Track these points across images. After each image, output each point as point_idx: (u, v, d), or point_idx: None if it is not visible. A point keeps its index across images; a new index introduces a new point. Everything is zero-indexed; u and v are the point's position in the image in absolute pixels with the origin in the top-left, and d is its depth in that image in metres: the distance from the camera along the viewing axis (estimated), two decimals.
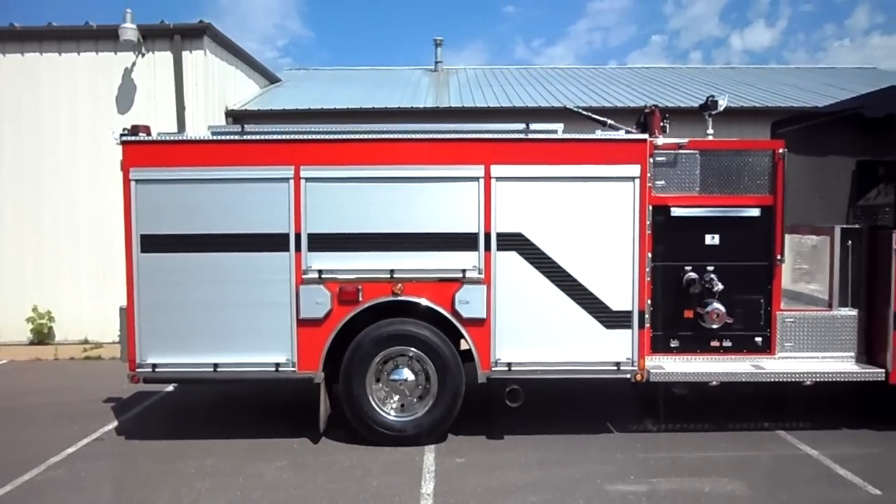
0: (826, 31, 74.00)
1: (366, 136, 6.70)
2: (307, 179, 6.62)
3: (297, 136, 6.67)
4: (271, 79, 17.03)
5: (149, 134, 6.78)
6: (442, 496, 5.61)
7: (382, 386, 6.81)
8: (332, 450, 6.69)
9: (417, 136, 6.72)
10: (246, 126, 6.76)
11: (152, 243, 6.67)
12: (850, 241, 7.13)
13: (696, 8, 77.01)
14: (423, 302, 6.69)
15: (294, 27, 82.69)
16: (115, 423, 7.62)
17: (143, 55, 12.40)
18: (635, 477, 6.00)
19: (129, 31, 12.01)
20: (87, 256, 12.12)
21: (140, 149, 6.67)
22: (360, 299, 6.65)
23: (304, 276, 6.62)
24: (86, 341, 12.08)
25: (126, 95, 12.37)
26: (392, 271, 6.64)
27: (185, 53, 12.42)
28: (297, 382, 6.75)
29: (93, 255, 12.06)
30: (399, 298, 6.67)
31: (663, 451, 6.61)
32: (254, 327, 6.67)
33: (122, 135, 6.71)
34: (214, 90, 13.14)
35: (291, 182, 6.61)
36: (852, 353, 7.09)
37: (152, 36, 12.40)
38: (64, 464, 6.46)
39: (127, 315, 6.72)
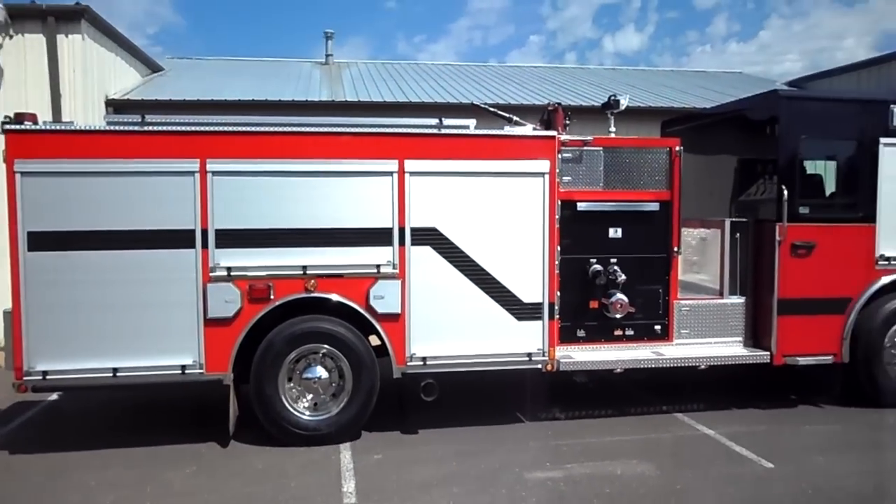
0: (689, 37, 78.84)
1: (277, 129, 6.51)
2: (214, 173, 6.34)
3: (202, 128, 6.39)
4: (153, 67, 16.20)
5: (35, 122, 6.28)
6: (364, 493, 5.55)
7: (295, 385, 6.65)
8: (243, 453, 6.46)
9: (330, 129, 6.60)
10: (147, 116, 6.39)
11: (41, 241, 6.17)
12: (737, 234, 7.64)
13: (571, 10, 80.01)
14: (337, 298, 6.58)
15: (165, 14, 78.83)
16: None
17: (12, 37, 11.46)
18: (551, 464, 6.18)
19: None
20: None
21: (26, 139, 6.16)
22: (272, 297, 6.46)
23: (211, 274, 6.35)
24: None
25: None
26: (305, 268, 6.49)
27: (60, 37, 11.58)
28: (203, 385, 6.48)
29: None
30: (312, 295, 6.53)
31: (574, 438, 6.84)
32: (157, 328, 6.32)
33: (3, 123, 6.17)
34: (93, 78, 12.35)
35: (197, 176, 6.31)
36: (741, 338, 7.62)
37: (22, 17, 11.50)
38: None
39: (13, 319, 6.19)
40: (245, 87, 14.78)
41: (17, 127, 6.16)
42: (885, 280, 7.59)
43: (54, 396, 8.25)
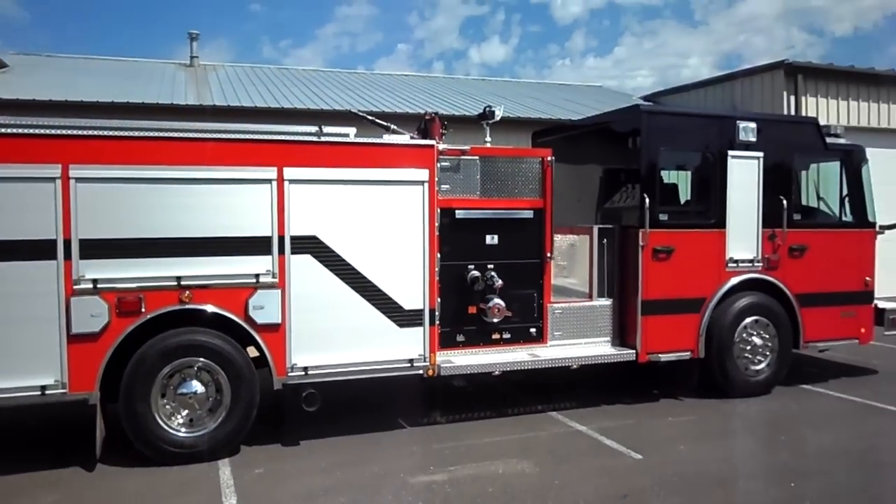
0: (551, 50, 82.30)
1: (149, 134, 6.23)
2: (77, 179, 5.96)
3: (65, 132, 5.99)
4: None
5: None
6: None
7: (169, 401, 6.35)
8: (112, 476, 6.10)
9: (207, 135, 6.40)
10: (0, 118, 5.92)
11: None
12: (604, 240, 8.09)
13: (438, 21, 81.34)
14: (214, 309, 6.37)
15: (4, 5, 72.83)
16: None
17: None
18: (434, 467, 6.27)
19: None
20: None
21: None
22: (143, 310, 6.15)
23: (75, 287, 5.96)
24: None
25: None
26: (179, 278, 6.23)
27: None
28: (66, 406, 6.08)
29: None
30: (187, 307, 6.29)
31: (455, 441, 6.97)
32: (12, 346, 5.86)
33: None
34: None
35: (58, 182, 5.91)
36: (609, 338, 8.07)
37: None
38: None
39: None
40: (103, 88, 13.94)
41: None
42: (734, 281, 8.29)
43: None
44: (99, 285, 6.02)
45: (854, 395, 8.53)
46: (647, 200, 7.83)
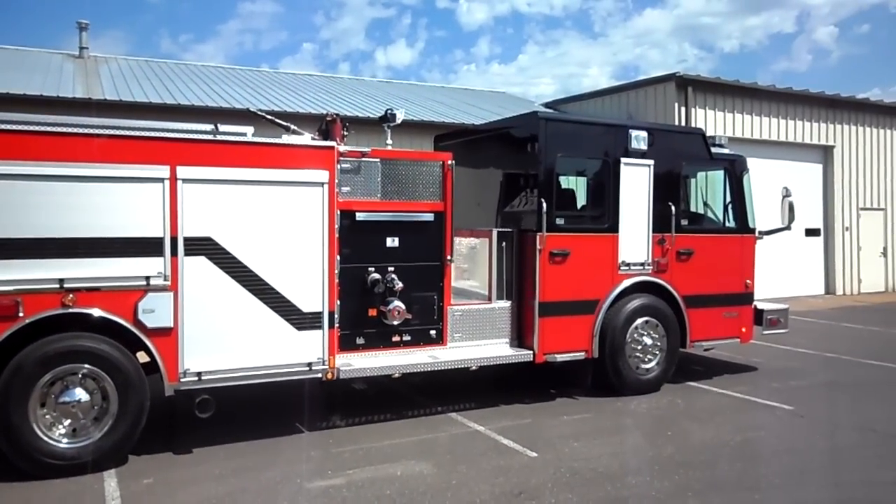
0: (456, 55, 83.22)
1: (31, 129, 5.89)
2: None
3: None
4: None
5: None
6: None
7: (49, 411, 6.00)
8: None
9: (94, 130, 6.11)
10: None
11: None
12: (504, 243, 8.25)
13: (345, 21, 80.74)
14: (100, 313, 6.08)
15: None
16: None
17: None
18: (332, 471, 6.21)
19: None
20: None
21: None
22: (21, 314, 5.81)
23: None
24: None
25: None
26: (62, 280, 5.92)
27: None
28: None
29: None
30: (71, 311, 5.98)
31: (354, 444, 6.93)
32: None
33: None
34: None
35: None
36: (507, 339, 8.23)
37: None
38: None
39: None
40: None
41: None
42: (626, 283, 8.64)
43: None
44: None
45: (735, 391, 9.03)
46: (545, 205, 8.04)
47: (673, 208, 8.85)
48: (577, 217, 8.80)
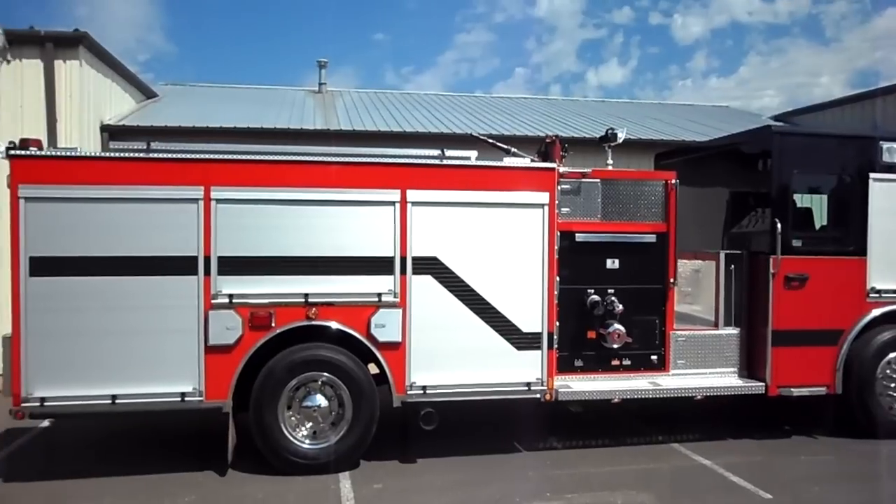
0: (671, 71, 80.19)
1: (281, 158, 6.59)
2: (218, 200, 6.38)
3: (207, 156, 6.44)
4: (147, 93, 16.24)
5: (40, 148, 6.30)
6: None
7: (294, 413, 6.63)
8: (241, 482, 6.42)
9: (335, 158, 6.69)
10: (152, 143, 6.44)
11: (43, 266, 6.16)
12: (732, 266, 7.75)
13: (556, 45, 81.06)
14: (338, 326, 6.60)
15: (157, 41, 79.07)
16: None
17: (9, 62, 11.48)
18: (551, 493, 6.19)
19: None
20: None
21: (30, 164, 6.18)
22: (273, 324, 6.46)
23: (213, 301, 6.36)
24: None
25: None
26: (307, 295, 6.51)
27: (57, 63, 11.62)
28: (202, 413, 6.46)
29: None
30: (314, 323, 6.55)
31: (572, 468, 6.86)
32: (157, 355, 6.31)
33: (8, 149, 6.19)
34: (90, 103, 12.36)
35: (201, 203, 6.35)
36: (735, 369, 7.69)
37: (20, 42, 11.51)
38: None
39: (12, 344, 6.15)
40: (240, 114, 14.84)
41: (22, 153, 6.18)
42: (877, 312, 7.72)
43: (46, 423, 8.15)
44: (234, 300, 6.39)
45: None
46: (779, 225, 7.45)
47: None
48: (817, 239, 8.01)
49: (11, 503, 6.01)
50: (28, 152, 6.19)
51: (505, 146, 8.01)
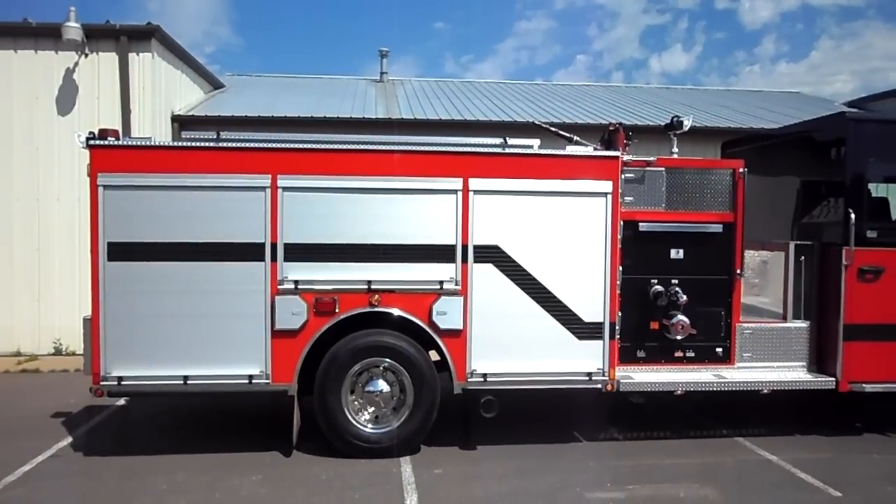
0: (737, 57, 77.81)
1: (345, 147, 6.69)
2: (284, 189, 6.53)
3: (274, 145, 6.59)
4: (215, 84, 16.67)
5: (117, 138, 6.56)
6: None
7: (357, 397, 6.76)
8: (306, 463, 6.59)
9: (397, 147, 6.75)
10: (221, 133, 6.62)
11: (120, 251, 6.43)
12: (802, 257, 7.53)
13: (618, 31, 79.68)
14: (400, 313, 6.68)
15: (224, 34, 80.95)
16: (70, 439, 7.27)
17: (87, 55, 11.96)
18: (612, 484, 6.16)
19: (72, 29, 11.55)
20: (18, 266, 11.56)
21: (109, 153, 6.44)
22: (337, 310, 6.59)
23: (279, 287, 6.52)
24: (18, 353, 11.49)
25: (67, 97, 11.89)
26: (370, 282, 6.61)
27: (131, 55, 12.05)
28: (268, 395, 6.64)
29: (24, 265, 11.53)
30: (376, 309, 6.65)
31: (633, 459, 6.80)
32: (226, 338, 6.51)
33: (88, 139, 6.46)
34: (161, 94, 12.77)
35: (268, 191, 6.51)
36: (804, 363, 7.49)
37: (96, 36, 11.97)
38: (21, 483, 6.14)
39: (92, 325, 6.45)
40: (303, 104, 15.11)
41: (101, 142, 6.45)
42: None
43: (121, 402, 8.53)
44: (300, 286, 6.54)
45: None
46: (853, 215, 7.19)
47: None
48: (893, 230, 7.69)
49: (91, 475, 6.31)
50: (106, 142, 6.45)
51: (567, 134, 7.94)
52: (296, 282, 6.54)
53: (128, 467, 6.46)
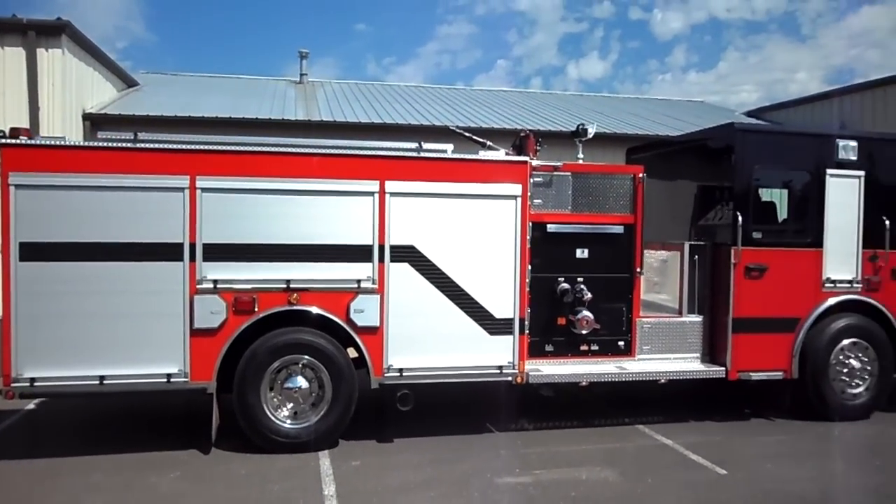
0: (650, 65, 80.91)
1: (264, 149, 6.84)
2: (203, 189, 6.62)
3: (193, 146, 6.68)
4: (129, 82, 16.36)
5: (30, 137, 6.51)
6: (345, 496, 5.84)
7: (276, 394, 6.90)
8: (225, 459, 6.70)
9: (316, 150, 6.95)
10: (139, 133, 6.66)
11: (33, 252, 6.37)
12: (696, 256, 8.14)
13: (537, 38, 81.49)
14: (318, 311, 6.88)
15: (136, 29, 78.35)
16: None
17: None
18: (520, 470, 6.53)
19: None
20: None
21: (20, 153, 6.38)
22: (256, 309, 6.73)
23: (198, 286, 6.61)
24: None
25: None
26: (289, 281, 6.78)
27: (39, 51, 11.79)
28: (186, 393, 6.72)
29: None
30: (295, 308, 6.82)
31: (541, 447, 7.21)
32: (144, 338, 6.55)
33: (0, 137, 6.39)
34: (72, 91, 12.52)
35: (187, 192, 6.59)
36: (698, 354, 8.09)
37: (2, 30, 11.67)
38: None
39: (3, 326, 6.37)
40: (221, 104, 15.02)
41: (13, 141, 6.38)
42: (832, 301, 8.14)
43: (32, 405, 8.37)
44: (219, 285, 6.65)
45: None
46: (741, 218, 7.83)
47: (888, 223, 8.21)
48: (777, 231, 8.41)
49: (3, 479, 6.23)
50: (18, 141, 6.39)
51: (481, 139, 8.31)
52: (215, 281, 6.64)
53: (42, 469, 6.41)
